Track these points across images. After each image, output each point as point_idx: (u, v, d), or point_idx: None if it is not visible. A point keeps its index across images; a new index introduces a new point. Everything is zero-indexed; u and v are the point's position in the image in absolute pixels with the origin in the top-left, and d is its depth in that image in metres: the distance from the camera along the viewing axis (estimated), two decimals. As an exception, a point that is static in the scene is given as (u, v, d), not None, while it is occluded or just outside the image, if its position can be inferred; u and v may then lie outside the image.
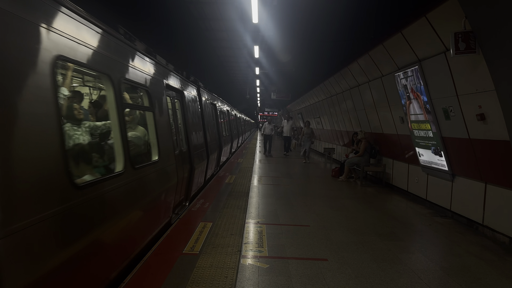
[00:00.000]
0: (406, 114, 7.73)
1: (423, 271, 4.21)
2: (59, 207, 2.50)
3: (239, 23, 12.52)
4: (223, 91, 26.07)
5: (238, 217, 6.01)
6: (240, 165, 13.04)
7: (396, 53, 7.40)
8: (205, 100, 10.06)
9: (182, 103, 7.11)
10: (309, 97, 19.36)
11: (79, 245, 2.75)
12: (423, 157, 7.44)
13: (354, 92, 11.18)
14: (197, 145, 7.85)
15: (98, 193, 3.07)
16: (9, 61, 2.17)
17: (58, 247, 2.51)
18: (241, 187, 8.67)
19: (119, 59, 3.91)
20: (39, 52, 2.45)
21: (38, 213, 2.28)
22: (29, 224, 2.19)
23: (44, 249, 2.34)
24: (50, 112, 2.52)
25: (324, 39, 9.87)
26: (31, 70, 2.37)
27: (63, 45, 2.73)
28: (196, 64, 16.78)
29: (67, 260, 2.59)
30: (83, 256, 2.81)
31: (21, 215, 2.14)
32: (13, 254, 2.07)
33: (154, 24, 10.95)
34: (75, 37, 2.92)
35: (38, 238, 2.29)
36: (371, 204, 7.66)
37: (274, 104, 36.58)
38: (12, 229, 2.05)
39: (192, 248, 4.52)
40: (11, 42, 2.20)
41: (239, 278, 3.79)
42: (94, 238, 2.98)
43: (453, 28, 5.01)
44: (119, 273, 3.67)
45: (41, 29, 2.49)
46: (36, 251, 2.27)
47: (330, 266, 4.23)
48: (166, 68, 6.11)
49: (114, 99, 3.68)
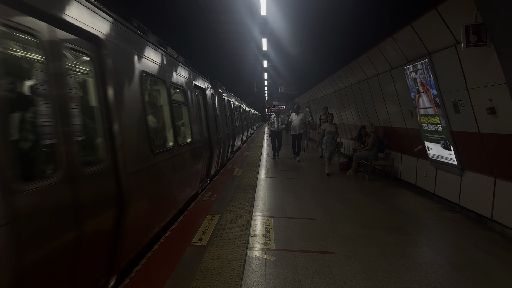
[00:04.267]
0: (415, 108, 7.66)
1: (430, 265, 4.20)
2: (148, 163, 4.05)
3: (247, 16, 12.46)
4: (231, 84, 26.08)
5: (245, 209, 6.03)
6: (248, 158, 13.07)
7: (406, 46, 7.32)
8: (221, 96, 11.71)
9: (205, 99, 8.67)
10: (317, 91, 19.25)
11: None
12: (432, 151, 7.38)
13: (363, 86, 11.10)
14: (216, 133, 9.35)
15: (163, 158, 4.66)
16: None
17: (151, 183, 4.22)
18: (248, 180, 8.70)
19: (169, 68, 5.59)
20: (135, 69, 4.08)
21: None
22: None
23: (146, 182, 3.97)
24: (141, 107, 4.12)
25: (333, 31, 9.79)
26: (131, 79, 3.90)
27: (145, 64, 4.42)
28: (204, 57, 16.77)
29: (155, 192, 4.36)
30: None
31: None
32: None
33: (162, 18, 10.95)
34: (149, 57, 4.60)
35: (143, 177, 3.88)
36: (379, 198, 7.64)
37: (282, 97, 36.50)
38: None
39: (200, 240, 4.56)
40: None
41: (246, 270, 3.82)
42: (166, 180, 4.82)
43: (464, 20, 4.94)
44: (174, 215, 5.42)
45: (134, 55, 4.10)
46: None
47: (337, 259, 4.24)
48: (193, 71, 7.61)
49: (167, 97, 5.30)
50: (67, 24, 2.78)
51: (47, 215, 2.37)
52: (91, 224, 2.89)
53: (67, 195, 2.59)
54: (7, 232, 2.02)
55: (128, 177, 3.49)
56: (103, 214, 3.11)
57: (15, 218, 2.08)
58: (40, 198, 2.29)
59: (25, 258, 2.15)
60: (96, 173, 3.02)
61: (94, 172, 2.99)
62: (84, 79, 3.27)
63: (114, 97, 3.40)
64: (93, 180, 2.95)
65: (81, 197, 2.75)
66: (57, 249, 2.47)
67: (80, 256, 2.75)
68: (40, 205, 2.30)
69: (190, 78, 7.11)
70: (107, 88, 3.33)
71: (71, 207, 2.63)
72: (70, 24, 2.81)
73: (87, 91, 3.28)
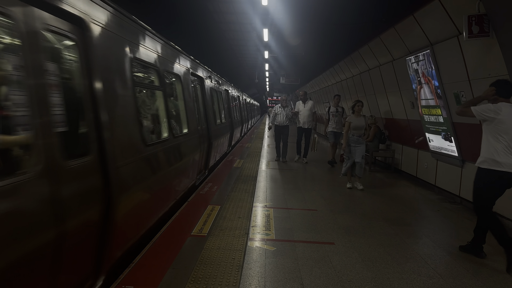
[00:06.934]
0: (416, 99, 7.63)
1: (430, 256, 4.22)
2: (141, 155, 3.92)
3: (248, 6, 12.36)
4: (232, 75, 25.97)
5: (246, 200, 6.05)
6: (248, 149, 13.07)
7: (408, 37, 7.26)
8: (219, 87, 11.32)
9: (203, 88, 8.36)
10: (318, 82, 19.18)
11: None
12: (433, 142, 7.37)
13: (364, 77, 11.05)
14: (215, 124, 9.09)
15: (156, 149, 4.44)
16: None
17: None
18: (249, 171, 8.71)
19: (162, 55, 5.17)
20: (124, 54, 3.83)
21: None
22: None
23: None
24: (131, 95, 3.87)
25: (334, 22, 9.71)
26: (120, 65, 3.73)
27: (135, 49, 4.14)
28: (205, 48, 16.69)
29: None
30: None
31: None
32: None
33: (162, 8, 10.87)
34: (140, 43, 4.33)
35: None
36: (379, 189, 7.65)
37: (283, 88, 36.34)
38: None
39: (200, 230, 4.58)
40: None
41: (246, 260, 3.84)
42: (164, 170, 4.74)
43: (466, 11, 4.89)
44: (168, 211, 5.12)
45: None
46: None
47: (337, 250, 4.26)
48: (192, 59, 7.18)
49: (159, 85, 4.95)
50: (47, 4, 2.52)
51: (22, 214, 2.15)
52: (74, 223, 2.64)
53: (46, 191, 2.35)
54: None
55: (117, 171, 3.29)
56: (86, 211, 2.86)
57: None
58: (13, 195, 2.08)
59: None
60: (80, 166, 2.78)
61: (78, 166, 2.74)
62: (66, 64, 2.98)
63: (101, 84, 3.16)
64: (76, 174, 2.70)
65: (63, 193, 2.51)
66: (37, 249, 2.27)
67: (62, 256, 2.54)
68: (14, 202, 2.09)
69: (185, 65, 6.66)
70: (93, 74, 3.07)
71: (50, 204, 2.39)
72: (51, 5, 2.56)
73: (70, 77, 3.01)
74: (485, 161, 4.01)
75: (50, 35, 2.61)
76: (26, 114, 2.24)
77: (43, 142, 2.33)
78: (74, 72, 3.00)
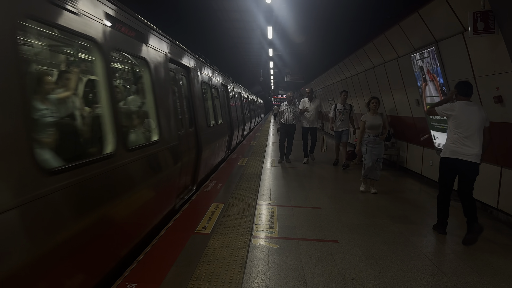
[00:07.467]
0: (421, 97, 7.59)
1: (434, 254, 4.21)
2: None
3: (252, 3, 12.34)
4: (237, 73, 25.97)
5: (250, 198, 6.06)
6: (253, 147, 13.07)
7: (413, 34, 7.22)
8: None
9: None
10: (323, 79, 19.12)
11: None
12: (438, 140, 7.33)
13: (369, 74, 11.00)
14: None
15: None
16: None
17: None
18: (253, 169, 8.72)
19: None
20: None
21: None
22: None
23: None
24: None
25: (339, 19, 9.66)
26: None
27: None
28: (209, 46, 16.69)
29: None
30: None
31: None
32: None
33: (167, 7, 10.89)
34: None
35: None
36: (384, 187, 7.62)
37: (288, 86, 36.27)
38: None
39: (204, 227, 4.60)
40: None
41: (249, 258, 3.85)
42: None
43: (471, 7, 4.85)
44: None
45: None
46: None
47: (341, 248, 4.26)
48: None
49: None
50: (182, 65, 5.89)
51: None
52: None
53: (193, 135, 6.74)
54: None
55: (201, 136, 7.20)
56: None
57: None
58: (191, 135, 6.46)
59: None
60: (192, 131, 6.80)
61: (191, 131, 6.69)
62: (183, 87, 6.82)
63: (195, 97, 7.17)
64: (192, 133, 6.71)
65: (192, 141, 6.59)
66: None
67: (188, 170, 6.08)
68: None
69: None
70: (192, 92, 7.08)
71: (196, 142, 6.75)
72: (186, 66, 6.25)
73: (186, 95, 6.91)
74: (445, 151, 4.72)
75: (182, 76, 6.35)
76: (190, 112, 6.69)
77: (189, 119, 6.55)
78: (186, 91, 6.73)
